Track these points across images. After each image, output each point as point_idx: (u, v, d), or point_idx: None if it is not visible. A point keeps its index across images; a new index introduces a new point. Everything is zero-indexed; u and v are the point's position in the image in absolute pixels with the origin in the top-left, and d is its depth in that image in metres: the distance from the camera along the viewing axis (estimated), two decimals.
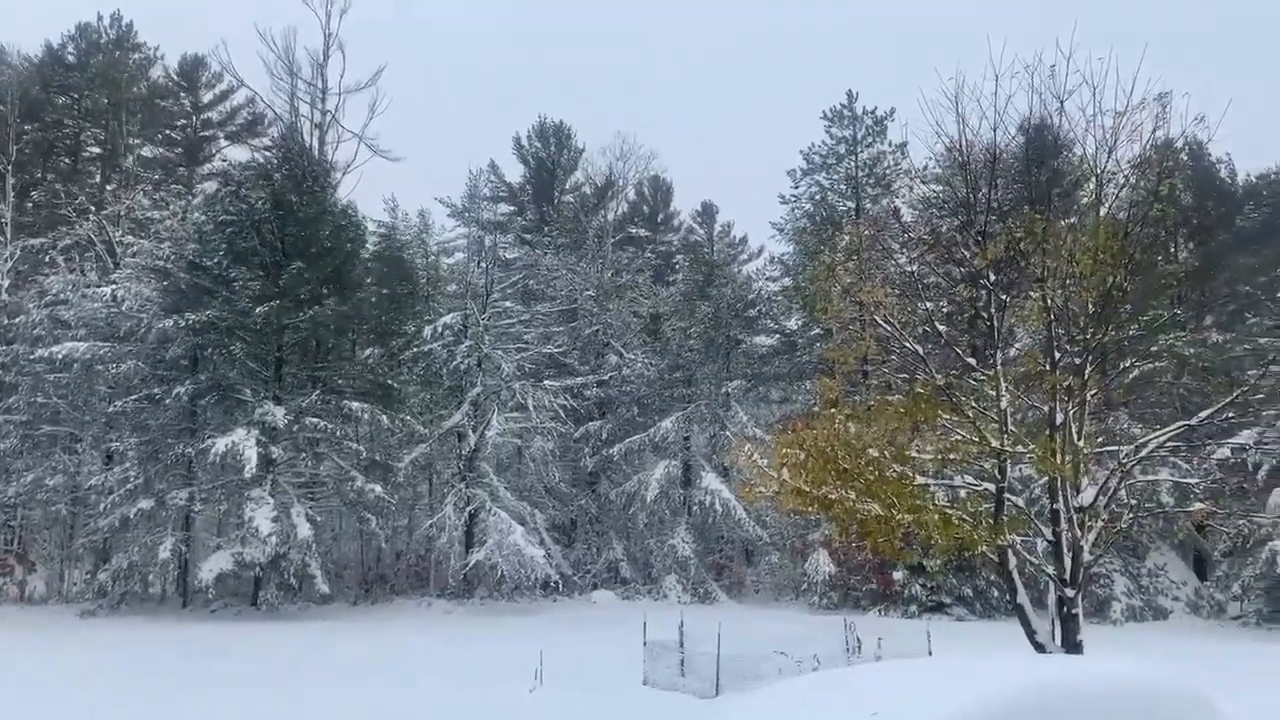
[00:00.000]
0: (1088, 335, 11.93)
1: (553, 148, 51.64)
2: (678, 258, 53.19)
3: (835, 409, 12.71)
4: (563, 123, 51.63)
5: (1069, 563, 11.70)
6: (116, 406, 27.56)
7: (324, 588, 25.71)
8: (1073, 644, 11.57)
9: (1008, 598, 13.37)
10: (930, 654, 15.20)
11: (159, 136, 49.10)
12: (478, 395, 30.24)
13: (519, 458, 32.90)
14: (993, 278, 12.34)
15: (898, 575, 27.54)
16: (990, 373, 12.25)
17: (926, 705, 5.44)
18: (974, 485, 12.68)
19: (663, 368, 34.23)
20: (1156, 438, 12.65)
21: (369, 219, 36.59)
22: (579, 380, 33.94)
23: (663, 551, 31.63)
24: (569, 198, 50.07)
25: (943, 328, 13.48)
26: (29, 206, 40.96)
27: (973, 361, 13.07)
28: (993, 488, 12.13)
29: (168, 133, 49.94)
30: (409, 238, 40.97)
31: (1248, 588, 26.13)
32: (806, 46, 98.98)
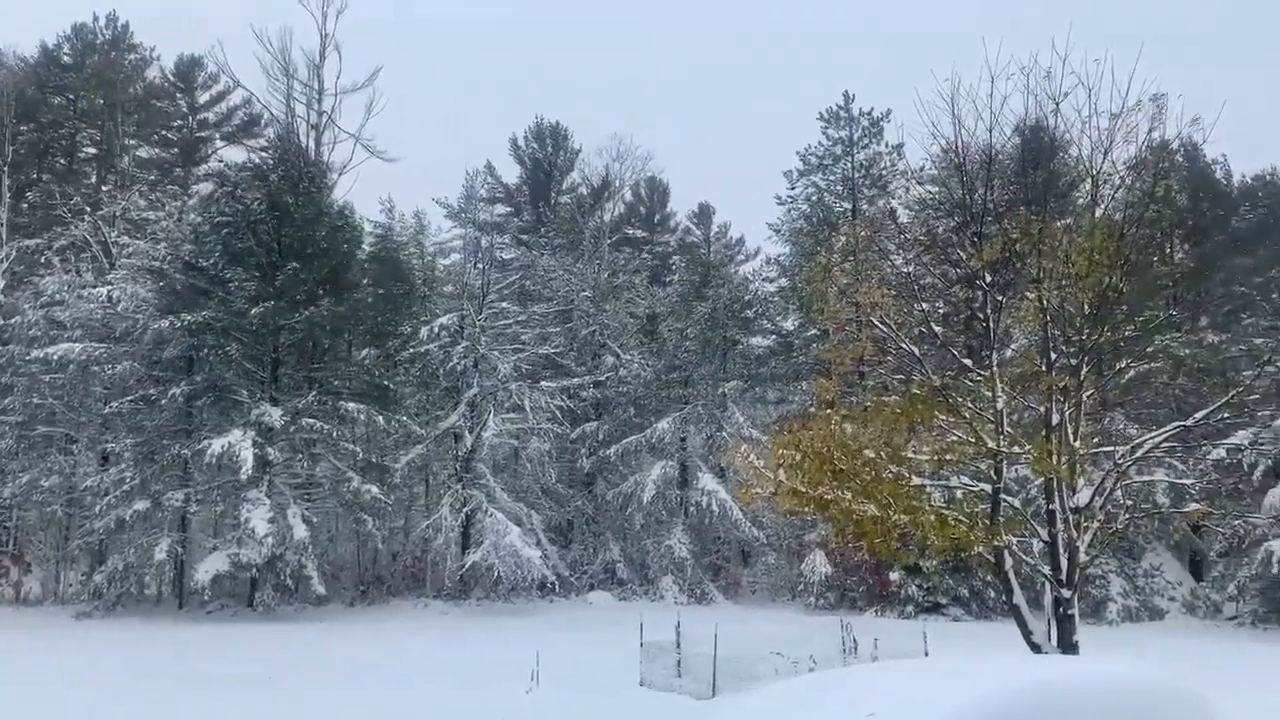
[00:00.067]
0: (1083, 336, 11.95)
1: (549, 149, 51.57)
2: (674, 258, 53.21)
3: (832, 410, 12.69)
4: (559, 124, 51.63)
5: (1065, 563, 11.72)
6: (112, 407, 27.54)
7: (320, 589, 25.68)
8: (1069, 644, 11.59)
9: (1004, 598, 13.40)
10: (926, 654, 15.15)
11: (155, 137, 49.05)
12: (474, 396, 30.21)
13: (515, 459, 32.90)
14: (989, 279, 12.36)
15: (894, 576, 27.56)
16: (986, 373, 12.26)
17: (923, 706, 5.43)
18: (970, 486, 12.70)
19: (659, 368, 34.21)
20: (1152, 438, 12.67)
21: (365, 220, 36.63)
22: (575, 381, 33.94)
23: (659, 552, 31.62)
24: (566, 199, 49.98)
25: (939, 328, 13.52)
26: (24, 207, 40.93)
27: (969, 362, 13.07)
28: (989, 488, 12.13)
29: (163, 133, 49.87)
30: (405, 238, 41.00)
31: (1243, 588, 26.19)
32: (805, 46, 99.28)
